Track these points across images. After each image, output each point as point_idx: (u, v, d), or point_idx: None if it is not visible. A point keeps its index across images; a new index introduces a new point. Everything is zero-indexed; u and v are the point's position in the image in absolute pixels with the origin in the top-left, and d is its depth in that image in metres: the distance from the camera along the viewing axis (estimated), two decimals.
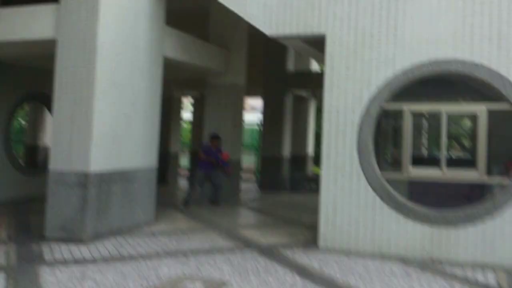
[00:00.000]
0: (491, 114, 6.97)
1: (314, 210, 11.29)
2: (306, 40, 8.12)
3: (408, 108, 7.31)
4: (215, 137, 11.42)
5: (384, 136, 7.56)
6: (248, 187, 16.29)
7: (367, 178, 7.31)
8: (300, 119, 17.21)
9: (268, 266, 6.34)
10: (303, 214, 10.75)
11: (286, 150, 16.21)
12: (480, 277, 6.27)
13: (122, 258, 6.51)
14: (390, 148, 7.73)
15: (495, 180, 6.98)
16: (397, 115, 7.42)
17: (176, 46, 9.75)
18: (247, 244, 7.59)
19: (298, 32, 7.76)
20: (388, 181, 7.30)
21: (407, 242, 7.12)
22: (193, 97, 18.07)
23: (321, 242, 7.49)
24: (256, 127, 21.67)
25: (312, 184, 16.78)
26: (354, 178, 7.39)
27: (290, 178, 16.35)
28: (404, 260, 6.93)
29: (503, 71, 6.81)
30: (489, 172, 7.01)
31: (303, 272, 6.15)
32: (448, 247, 6.96)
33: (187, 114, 21.52)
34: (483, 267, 6.68)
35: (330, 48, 7.59)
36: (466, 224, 6.90)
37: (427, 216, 7.08)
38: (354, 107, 7.43)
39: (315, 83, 15.98)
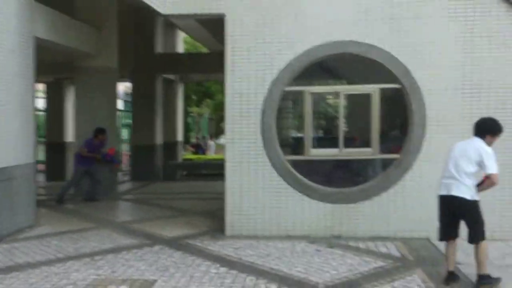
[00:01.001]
0: (384, 95, 7.67)
1: (199, 198, 11.40)
2: (202, 21, 8.07)
3: (309, 90, 7.71)
4: (100, 131, 10.80)
5: (286, 118, 7.89)
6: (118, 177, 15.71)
7: (271, 162, 7.57)
8: (170, 105, 17.01)
9: (185, 260, 6.26)
10: (191, 202, 10.74)
11: (159, 138, 15.93)
12: (383, 248, 6.92)
13: (21, 267, 5.91)
14: (292, 129, 8.10)
15: (387, 156, 7.72)
16: (299, 97, 7.78)
17: (48, 26, 8.96)
18: (152, 239, 7.39)
19: (196, 11, 7.66)
20: (291, 163, 7.65)
21: (312, 222, 7.57)
22: (48, 83, 16.73)
23: (228, 229, 7.60)
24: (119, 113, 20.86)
25: (185, 172, 16.83)
26: (259, 162, 7.60)
27: (164, 167, 16.15)
28: (311, 239, 7.35)
29: (394, 53, 7.52)
30: (382, 149, 7.71)
31: (223, 261, 6.19)
32: (348, 223, 7.55)
33: (40, 102, 19.84)
34: (382, 239, 7.38)
35: (230, 28, 7.63)
36: (364, 200, 7.56)
37: (329, 194, 7.58)
38: (257, 90, 7.61)
39: (184, 66, 15.93)
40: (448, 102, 7.46)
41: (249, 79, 7.61)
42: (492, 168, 5.06)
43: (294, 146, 7.72)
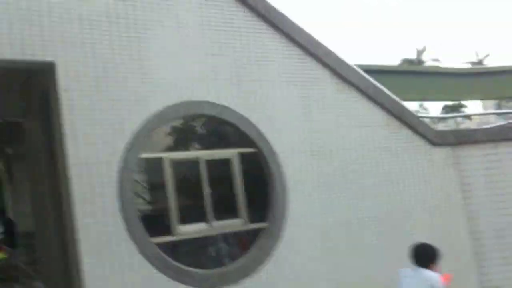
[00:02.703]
0: (244, 158, 7.47)
1: None
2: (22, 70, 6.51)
3: (168, 157, 6.91)
4: None
5: (145, 192, 6.78)
6: None
7: (139, 248, 6.33)
8: None
9: None
10: None
11: None
12: None
13: None
14: (152, 204, 6.97)
15: (257, 225, 7.40)
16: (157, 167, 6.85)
17: None
18: None
19: (14, 56, 6.08)
20: (160, 246, 6.57)
21: None
22: None
23: None
24: None
25: None
26: (124, 249, 6.25)
27: None
28: None
29: (246, 114, 7.51)
30: (251, 218, 7.37)
31: None
32: None
33: None
34: None
35: (64, 82, 6.29)
36: (244, 278, 7.00)
37: (208, 277, 6.76)
38: (109, 159, 6.39)
39: None
40: (301, 165, 7.78)
41: (97, 146, 6.36)
42: None
43: (159, 224, 6.65)
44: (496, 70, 19.20)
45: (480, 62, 36.37)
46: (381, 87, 8.98)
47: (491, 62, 36.23)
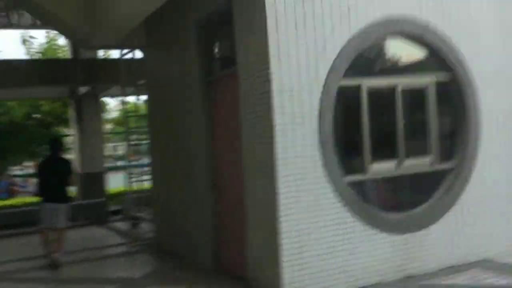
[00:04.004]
0: (438, 87, 6.79)
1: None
2: None
3: (366, 84, 6.29)
4: None
5: (342, 123, 6.26)
6: None
7: (333, 186, 5.97)
8: None
9: None
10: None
11: None
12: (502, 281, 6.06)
13: None
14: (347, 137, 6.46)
15: (446, 165, 6.89)
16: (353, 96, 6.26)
17: None
18: None
19: None
20: (352, 185, 6.20)
21: (382, 262, 6.25)
22: None
23: None
24: None
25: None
26: (320, 188, 5.88)
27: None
28: (396, 286, 6.12)
29: (447, 35, 6.69)
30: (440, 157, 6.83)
31: None
32: (420, 257, 6.50)
33: None
34: (463, 269, 6.57)
35: None
36: (432, 224, 6.63)
37: (399, 222, 6.42)
38: (311, 85, 5.86)
39: None
40: (495, 96, 7.04)
41: (300, 69, 5.79)
42: None
43: (351, 161, 6.22)
44: None
45: None
46: None
47: None
